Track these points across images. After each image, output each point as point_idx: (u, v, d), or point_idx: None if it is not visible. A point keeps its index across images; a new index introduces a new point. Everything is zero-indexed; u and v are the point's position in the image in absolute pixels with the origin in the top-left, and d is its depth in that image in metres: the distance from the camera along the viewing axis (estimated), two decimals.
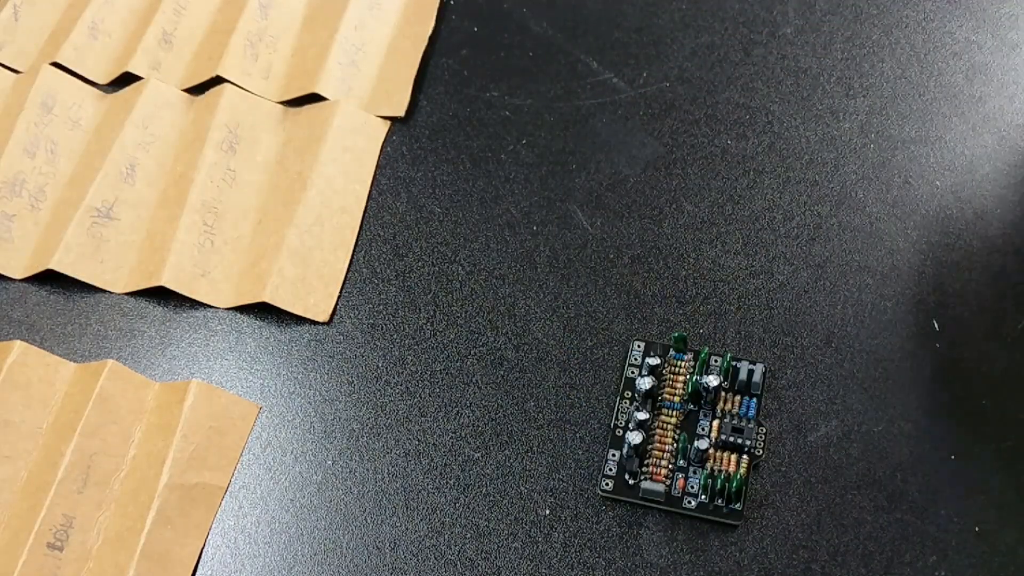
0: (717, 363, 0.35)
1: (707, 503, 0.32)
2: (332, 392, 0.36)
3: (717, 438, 0.33)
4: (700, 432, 0.33)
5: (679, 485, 0.33)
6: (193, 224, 0.39)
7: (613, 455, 0.33)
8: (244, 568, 0.33)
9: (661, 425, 0.34)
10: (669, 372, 0.35)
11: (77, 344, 0.38)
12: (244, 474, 0.35)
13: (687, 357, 0.35)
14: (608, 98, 0.43)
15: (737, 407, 0.34)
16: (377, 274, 0.39)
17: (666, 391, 0.34)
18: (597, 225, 0.39)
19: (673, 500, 0.32)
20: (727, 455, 0.33)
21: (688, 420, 0.34)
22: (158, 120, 0.43)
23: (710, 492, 0.32)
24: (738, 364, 0.34)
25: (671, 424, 0.34)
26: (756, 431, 0.33)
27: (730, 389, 0.34)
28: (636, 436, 0.32)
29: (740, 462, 0.33)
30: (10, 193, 0.41)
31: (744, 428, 0.33)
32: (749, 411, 0.34)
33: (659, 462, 0.33)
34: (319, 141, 0.41)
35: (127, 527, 0.33)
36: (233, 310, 0.38)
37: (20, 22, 0.46)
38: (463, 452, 0.35)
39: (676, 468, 0.33)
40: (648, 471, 0.33)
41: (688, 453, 0.33)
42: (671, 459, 0.33)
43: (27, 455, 0.35)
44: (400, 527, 0.33)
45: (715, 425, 0.33)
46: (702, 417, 0.34)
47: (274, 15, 0.45)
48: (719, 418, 0.34)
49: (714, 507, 0.32)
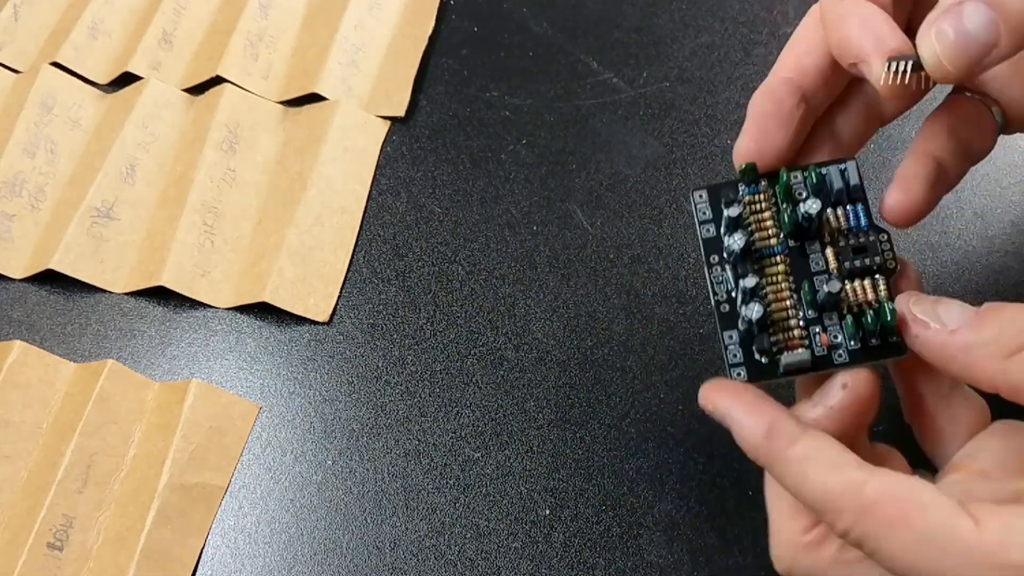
0: (798, 180, 0.28)
1: (859, 348, 0.26)
2: (332, 392, 0.36)
3: (839, 269, 0.27)
4: (816, 268, 0.27)
5: (822, 342, 0.26)
6: (193, 224, 0.39)
7: (730, 337, 0.27)
8: (244, 568, 0.33)
9: (771, 280, 0.27)
10: (751, 213, 0.28)
11: (77, 344, 0.38)
12: (244, 474, 0.35)
13: (763, 186, 0.28)
14: (608, 98, 0.43)
15: (844, 222, 0.27)
16: (377, 274, 0.39)
17: (757, 237, 0.28)
18: (597, 225, 0.39)
19: (821, 362, 0.26)
20: (858, 284, 0.27)
21: (795, 261, 0.27)
22: (158, 120, 0.43)
23: (864, 331, 0.26)
24: (825, 171, 0.28)
25: (780, 274, 0.27)
26: (879, 241, 0.27)
27: (826, 204, 0.28)
28: (755, 309, 0.26)
29: (876, 285, 0.27)
30: (10, 193, 0.41)
31: (867, 244, 0.27)
32: (860, 221, 0.27)
33: (787, 324, 0.27)
34: (319, 141, 0.41)
35: (127, 527, 0.33)
36: (233, 310, 0.38)
37: (20, 22, 0.46)
38: (463, 452, 0.35)
39: (808, 322, 0.27)
40: (780, 341, 0.27)
41: (816, 301, 0.27)
42: (797, 316, 0.27)
43: (27, 455, 0.35)
44: (400, 527, 0.33)
45: (830, 254, 0.27)
46: (810, 251, 0.27)
47: (274, 15, 0.45)
48: (831, 244, 0.27)
49: (870, 349, 0.26)
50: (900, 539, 0.22)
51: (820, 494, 0.23)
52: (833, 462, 0.24)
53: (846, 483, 0.23)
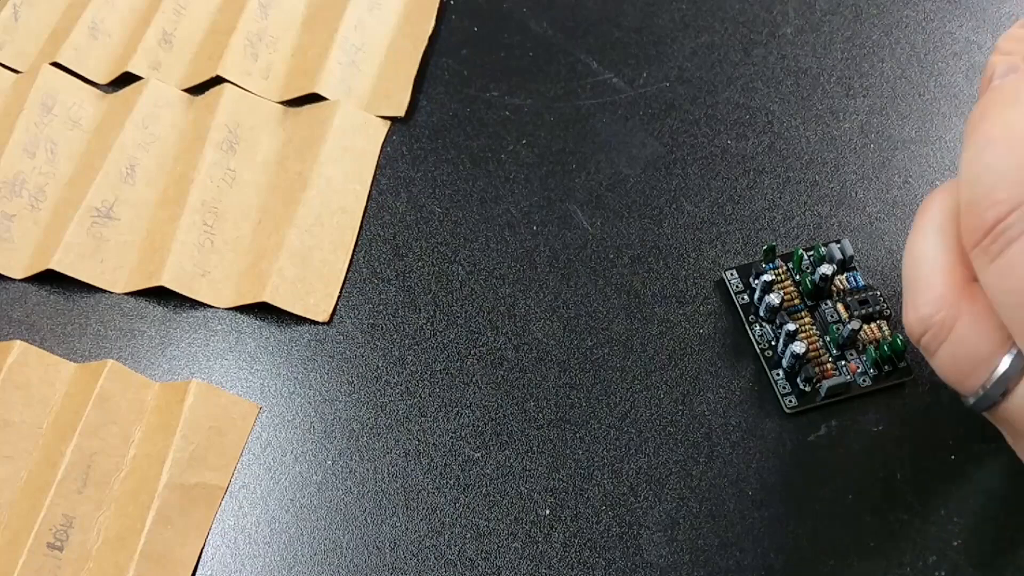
0: (811, 256, 0.37)
1: (878, 374, 0.34)
2: (332, 392, 0.36)
3: (850, 316, 0.35)
4: (831, 319, 0.35)
5: (850, 370, 0.34)
6: (193, 224, 0.39)
7: (778, 374, 0.35)
8: (244, 568, 0.33)
9: (801, 327, 0.35)
10: (775, 283, 0.36)
11: (77, 344, 0.38)
12: (244, 474, 0.35)
13: (779, 263, 0.37)
14: (608, 98, 0.43)
15: (847, 283, 0.36)
16: (377, 274, 0.39)
17: (784, 300, 0.36)
18: (597, 225, 0.39)
19: (852, 386, 0.34)
20: (866, 327, 0.35)
21: (815, 317, 0.35)
22: (158, 120, 0.43)
23: (880, 363, 0.34)
24: (824, 250, 0.36)
25: (807, 323, 0.35)
26: (876, 295, 0.35)
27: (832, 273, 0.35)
28: (799, 346, 0.34)
29: (880, 326, 0.35)
30: (10, 193, 0.41)
31: (867, 297, 0.35)
32: (858, 283, 0.36)
33: (821, 359, 0.35)
34: (319, 141, 0.41)
35: (127, 527, 0.33)
36: (233, 310, 0.38)
37: (20, 22, 0.46)
38: (463, 452, 0.35)
39: (835, 358, 0.35)
40: (821, 371, 0.34)
41: (839, 339, 0.34)
42: (826, 353, 0.35)
43: (27, 455, 0.35)
44: (400, 527, 0.33)
45: (842, 308, 0.35)
46: (824, 307, 0.35)
47: (274, 15, 0.45)
48: (840, 301, 0.35)
49: (886, 374, 0.34)
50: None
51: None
52: None
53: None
